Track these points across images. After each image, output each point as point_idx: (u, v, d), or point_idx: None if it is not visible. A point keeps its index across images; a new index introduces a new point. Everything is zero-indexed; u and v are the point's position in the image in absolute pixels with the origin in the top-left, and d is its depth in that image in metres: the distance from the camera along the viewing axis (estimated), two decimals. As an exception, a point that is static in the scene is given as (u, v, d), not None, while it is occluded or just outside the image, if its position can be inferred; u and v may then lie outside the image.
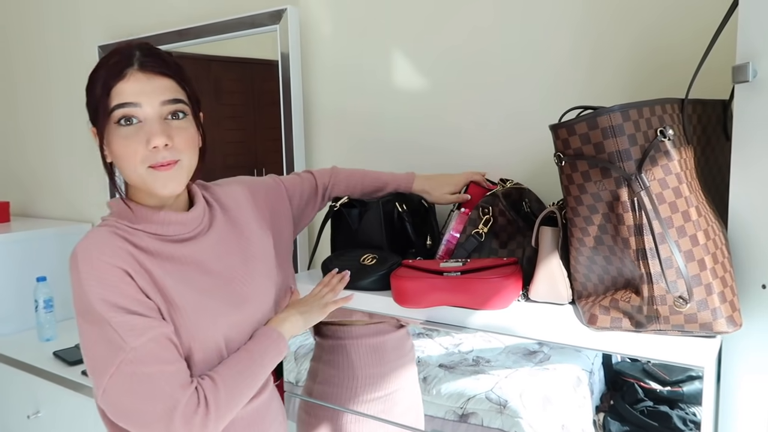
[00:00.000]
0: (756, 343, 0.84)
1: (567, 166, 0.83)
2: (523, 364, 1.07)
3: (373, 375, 1.19)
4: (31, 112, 2.51)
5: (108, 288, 0.84)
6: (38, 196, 2.56)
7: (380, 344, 1.18)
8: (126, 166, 0.89)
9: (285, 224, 1.18)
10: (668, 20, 1.12)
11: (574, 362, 1.07)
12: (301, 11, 1.60)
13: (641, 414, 1.00)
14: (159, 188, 0.89)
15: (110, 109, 0.87)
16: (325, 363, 1.22)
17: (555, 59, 1.25)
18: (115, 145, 0.89)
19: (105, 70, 0.88)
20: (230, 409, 0.88)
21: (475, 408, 1.10)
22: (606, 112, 0.77)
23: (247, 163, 1.79)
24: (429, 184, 1.24)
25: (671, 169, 0.79)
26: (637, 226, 0.78)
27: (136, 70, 0.88)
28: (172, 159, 0.89)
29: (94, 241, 0.88)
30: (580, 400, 1.05)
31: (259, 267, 1.04)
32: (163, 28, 1.88)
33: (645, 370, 1.01)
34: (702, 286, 0.77)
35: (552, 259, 0.95)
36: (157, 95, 0.88)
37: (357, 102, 1.55)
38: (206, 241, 0.99)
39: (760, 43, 0.80)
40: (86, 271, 0.84)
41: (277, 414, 1.07)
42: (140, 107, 0.87)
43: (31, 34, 2.42)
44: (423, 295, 1.00)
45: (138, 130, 0.87)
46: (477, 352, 1.13)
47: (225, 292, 0.97)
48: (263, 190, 1.16)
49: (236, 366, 0.92)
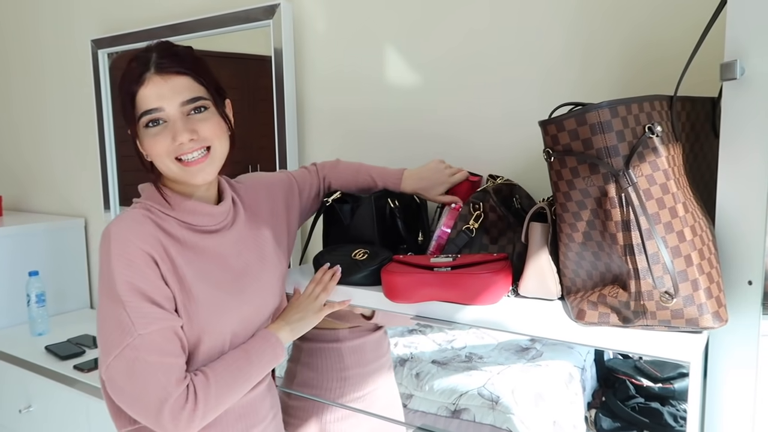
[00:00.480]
0: (742, 338, 0.85)
1: (556, 162, 0.84)
2: (515, 361, 1.08)
3: (353, 376, 1.21)
4: (23, 106, 2.50)
5: (134, 272, 0.89)
6: (31, 191, 2.55)
7: (359, 346, 1.20)
8: (158, 161, 0.96)
9: (294, 221, 1.21)
10: (659, 17, 1.12)
11: (566, 359, 1.08)
12: (295, 6, 1.60)
13: (632, 410, 1.00)
14: (191, 178, 0.96)
15: (137, 117, 0.94)
16: (303, 365, 1.24)
17: (548, 56, 1.25)
18: (146, 144, 0.96)
19: (127, 78, 0.94)
20: (218, 407, 0.91)
21: (468, 404, 1.11)
22: (594, 108, 0.78)
23: (241, 158, 1.79)
24: (422, 185, 1.23)
25: (659, 166, 0.80)
26: (624, 222, 0.79)
27: (153, 74, 0.93)
28: (202, 147, 0.95)
29: (128, 224, 0.93)
30: (572, 397, 1.06)
31: (271, 267, 1.09)
32: (156, 23, 1.87)
33: (637, 367, 1.02)
34: (688, 281, 0.78)
35: (541, 254, 0.96)
36: (176, 97, 0.93)
37: (350, 98, 1.55)
38: (229, 236, 1.03)
39: (747, 41, 0.80)
40: (117, 252, 0.90)
41: (271, 408, 1.09)
42: (162, 110, 0.93)
43: (26, 28, 2.41)
44: (413, 291, 1.00)
45: (164, 129, 0.94)
46: (470, 348, 1.13)
47: (239, 288, 1.01)
48: (280, 189, 1.20)
49: (232, 365, 0.95)
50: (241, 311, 1.00)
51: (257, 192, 1.15)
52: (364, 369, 1.20)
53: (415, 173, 1.24)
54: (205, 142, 0.96)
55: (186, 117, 0.95)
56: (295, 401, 1.27)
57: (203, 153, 0.96)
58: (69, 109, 2.31)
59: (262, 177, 1.21)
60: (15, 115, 2.55)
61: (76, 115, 2.29)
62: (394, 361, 1.25)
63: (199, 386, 0.89)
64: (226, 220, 1.04)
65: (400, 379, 1.23)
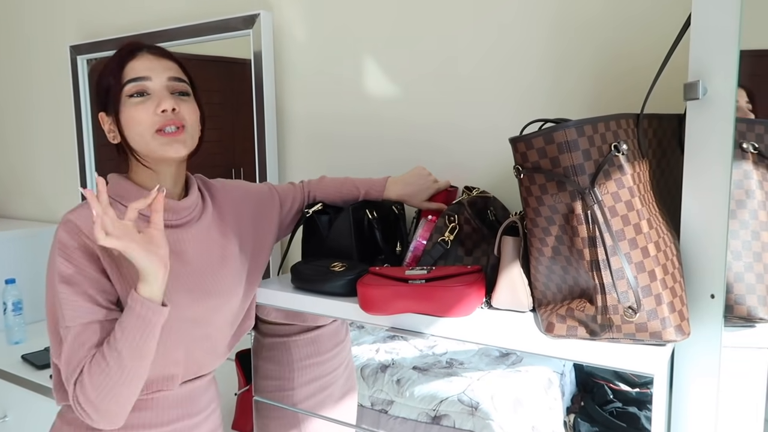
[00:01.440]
0: (705, 349, 0.87)
1: (525, 179, 0.86)
2: (495, 367, 1.09)
3: (310, 365, 1.24)
4: (4, 110, 2.47)
5: (72, 263, 0.93)
6: (9, 196, 2.53)
7: (317, 336, 1.22)
8: (136, 133, 0.98)
9: (269, 231, 1.23)
10: (628, 31, 1.15)
11: (545, 364, 1.09)
12: (275, 16, 1.61)
13: (610, 415, 1.02)
14: (166, 151, 0.98)
15: (123, 83, 0.97)
16: (264, 359, 1.26)
17: (524, 68, 1.27)
18: (126, 116, 0.98)
19: (117, 55, 0.99)
20: (103, 398, 0.91)
21: (448, 410, 1.12)
22: (561, 127, 0.80)
23: (224, 162, 1.79)
24: (407, 191, 1.25)
25: (624, 183, 0.82)
26: (590, 238, 0.81)
27: (146, 52, 1.00)
28: (179, 123, 0.99)
29: (80, 213, 0.96)
30: (551, 402, 1.08)
31: (232, 266, 1.10)
32: (136, 30, 1.87)
33: (615, 371, 1.04)
34: (652, 296, 0.80)
35: (513, 267, 0.97)
36: (165, 71, 1.00)
37: (329, 105, 1.56)
38: (191, 232, 1.05)
39: (710, 63, 0.83)
40: (62, 242, 0.94)
41: (210, 402, 1.14)
42: (150, 80, 0.98)
43: (7, 33, 2.39)
44: (388, 303, 1.01)
45: (147, 100, 0.98)
46: (451, 354, 1.15)
47: (194, 283, 1.03)
48: (257, 197, 1.22)
49: (110, 339, 0.92)
50: (193, 308, 1.01)
51: (231, 194, 1.17)
52: (321, 357, 1.23)
53: (399, 180, 1.26)
54: (183, 120, 1.00)
55: (170, 94, 0.99)
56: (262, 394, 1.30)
57: (177, 129, 0.99)
58: (48, 115, 2.30)
59: (242, 184, 1.24)
60: (-8, 119, 2.52)
61: (55, 120, 2.27)
62: (375, 367, 1.27)
63: (78, 386, 0.92)
64: (191, 215, 1.06)
65: (381, 386, 1.24)
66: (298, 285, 1.17)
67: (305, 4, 1.56)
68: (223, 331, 1.11)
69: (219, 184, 1.18)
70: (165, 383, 1.04)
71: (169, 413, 1.05)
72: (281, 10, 1.60)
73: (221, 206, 1.14)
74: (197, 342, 1.06)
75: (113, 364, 0.90)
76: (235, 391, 1.45)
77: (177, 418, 1.06)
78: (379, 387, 1.24)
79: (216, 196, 1.14)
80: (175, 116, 0.98)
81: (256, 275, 1.18)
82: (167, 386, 1.04)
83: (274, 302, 1.19)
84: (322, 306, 1.12)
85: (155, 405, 1.04)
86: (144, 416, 1.02)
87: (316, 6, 1.54)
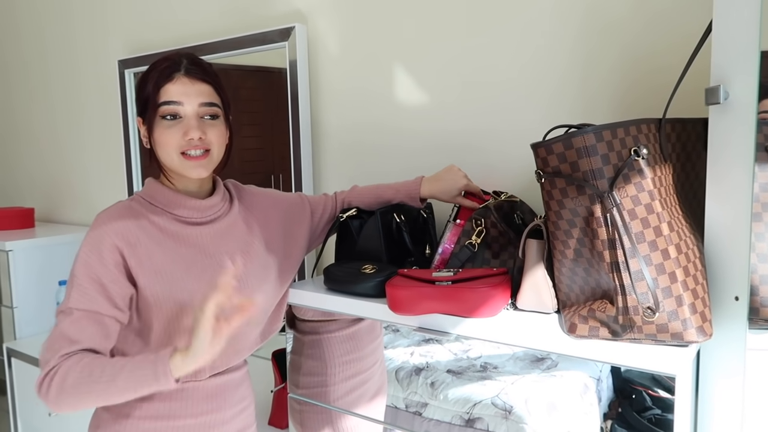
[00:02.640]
0: (730, 351, 0.88)
1: (546, 183, 0.88)
2: (530, 371, 1.10)
3: (352, 360, 1.27)
4: (55, 121, 2.62)
5: (95, 256, 1.01)
6: (62, 203, 2.66)
7: (355, 333, 1.26)
8: (164, 151, 1.07)
9: (299, 240, 1.28)
10: (656, 35, 1.16)
11: (581, 369, 1.10)
12: (309, 29, 1.67)
13: (649, 422, 1.02)
14: (189, 172, 1.07)
15: (158, 104, 1.05)
16: (306, 356, 1.31)
17: (550, 73, 1.30)
18: (157, 134, 1.06)
19: (157, 73, 1.06)
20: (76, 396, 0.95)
21: (481, 413, 1.13)
22: (580, 133, 0.82)
23: (263, 168, 1.85)
24: (438, 186, 1.28)
25: (644, 187, 0.84)
26: (610, 241, 0.83)
27: (183, 75, 1.06)
28: (204, 148, 1.07)
29: (109, 213, 1.07)
30: (587, 407, 1.08)
31: (255, 262, 1.16)
32: (179, 44, 1.96)
33: (654, 378, 1.04)
34: (673, 297, 0.81)
35: (537, 270, 1.00)
36: (197, 97, 1.06)
37: (362, 114, 1.61)
38: (214, 227, 1.13)
39: (731, 67, 0.84)
40: (91, 236, 1.03)
41: (242, 399, 1.18)
42: (182, 105, 1.05)
43: (62, 47, 2.53)
44: (415, 303, 1.05)
45: (178, 124, 1.05)
46: (485, 358, 1.16)
47: (212, 277, 1.07)
48: (286, 204, 1.28)
49: (108, 363, 0.96)
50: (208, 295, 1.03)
51: (260, 199, 1.25)
52: (360, 353, 1.27)
53: (431, 177, 1.30)
54: (209, 145, 1.07)
55: (200, 119, 1.07)
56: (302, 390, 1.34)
57: (203, 153, 1.07)
58: (98, 126, 2.42)
59: (273, 192, 1.31)
60: (46, 130, 2.67)
61: (104, 130, 2.39)
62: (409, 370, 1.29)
63: (64, 366, 0.95)
64: (215, 214, 1.14)
65: (416, 388, 1.26)
66: (331, 286, 1.22)
67: (338, 17, 1.62)
68: (248, 328, 1.16)
69: (250, 189, 1.26)
70: (193, 374, 1.08)
71: (200, 406, 1.10)
72: (315, 23, 1.66)
73: (249, 208, 1.21)
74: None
75: (103, 383, 0.94)
76: (272, 388, 1.50)
77: (207, 411, 1.11)
78: (413, 389, 1.26)
79: (244, 198, 1.22)
80: (201, 143, 1.06)
81: (285, 277, 1.23)
82: (195, 376, 1.09)
83: (307, 303, 1.25)
84: (353, 306, 1.16)
85: (185, 396, 1.09)
86: (173, 407, 1.08)
87: (348, 18, 1.60)
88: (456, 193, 1.26)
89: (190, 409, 1.10)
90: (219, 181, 1.18)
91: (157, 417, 1.08)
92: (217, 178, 1.19)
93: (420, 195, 1.28)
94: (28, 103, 2.74)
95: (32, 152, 2.77)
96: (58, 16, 2.50)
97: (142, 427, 1.08)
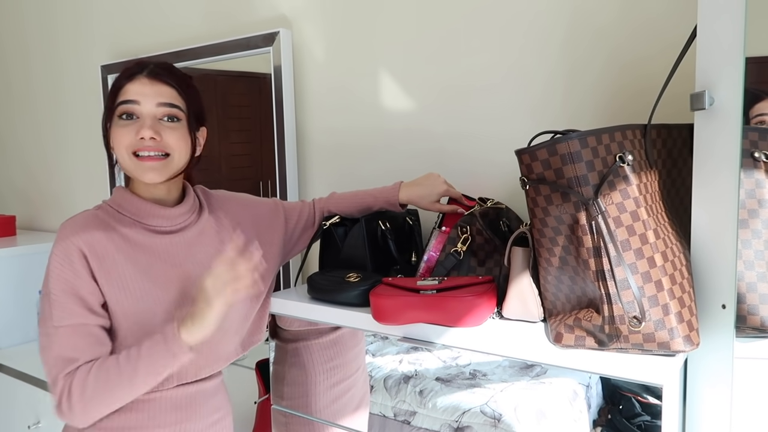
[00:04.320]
0: (717, 359, 0.87)
1: (531, 190, 0.87)
2: (519, 378, 1.08)
3: (335, 367, 1.25)
4: (38, 128, 2.58)
5: (65, 267, 0.99)
6: (43, 211, 2.62)
7: (338, 338, 1.24)
8: (119, 152, 1.04)
9: (273, 247, 1.25)
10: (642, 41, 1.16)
11: (570, 376, 1.09)
12: (294, 34, 1.66)
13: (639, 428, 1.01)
14: (141, 175, 1.04)
15: (115, 104, 1.03)
16: (290, 365, 1.28)
17: (535, 80, 1.29)
18: (113, 134, 1.04)
19: (120, 76, 1.05)
20: (101, 397, 0.96)
21: (470, 421, 1.12)
22: (564, 139, 0.81)
23: (252, 175, 1.84)
24: (417, 191, 1.24)
25: (629, 194, 0.82)
26: (595, 249, 0.81)
27: (144, 76, 1.04)
28: (160, 151, 1.03)
29: (74, 222, 1.04)
30: (576, 414, 1.07)
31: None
32: (163, 49, 1.94)
33: (644, 384, 1.03)
34: (659, 306, 0.80)
35: (523, 278, 0.98)
36: (155, 97, 1.03)
37: (347, 119, 1.60)
38: (185, 236, 1.10)
39: (716, 73, 0.83)
40: (57, 247, 1.01)
41: (215, 411, 1.15)
42: (138, 104, 1.02)
43: (43, 54, 2.50)
44: (400, 313, 1.03)
45: (133, 124, 1.03)
46: (474, 365, 1.15)
47: (184, 283, 1.06)
48: (257, 209, 1.25)
49: (123, 356, 0.97)
50: (184, 308, 1.03)
51: (230, 203, 1.22)
52: (345, 358, 1.25)
53: (410, 183, 1.27)
54: (166, 148, 1.03)
55: (157, 120, 1.03)
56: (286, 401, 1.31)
57: (160, 155, 1.03)
58: (80, 132, 2.39)
59: (244, 196, 1.28)
60: (29, 137, 2.63)
61: (87, 137, 2.36)
62: (398, 378, 1.28)
63: (76, 381, 0.95)
64: (185, 222, 1.11)
65: (404, 396, 1.24)
66: (314, 295, 1.20)
67: (322, 22, 1.60)
68: (224, 336, 1.11)
69: (219, 194, 1.23)
70: (158, 383, 1.04)
71: (166, 416, 1.07)
72: (300, 28, 1.65)
73: (218, 214, 1.18)
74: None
75: (125, 378, 0.95)
76: (255, 399, 1.48)
77: (175, 422, 1.08)
78: (401, 398, 1.25)
79: (213, 204, 1.19)
80: (155, 144, 1.02)
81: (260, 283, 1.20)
82: (161, 386, 1.05)
83: (290, 312, 1.22)
84: (337, 316, 1.14)
85: (151, 407, 1.06)
86: (139, 417, 1.05)
87: (333, 23, 1.58)
88: (435, 199, 1.24)
89: (156, 419, 1.06)
90: (189, 187, 1.16)
91: (124, 428, 1.05)
92: (187, 184, 1.16)
93: (399, 200, 1.26)
94: (10, 109, 2.70)
95: (14, 159, 2.73)
96: (41, 21, 2.47)
97: None
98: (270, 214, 1.27)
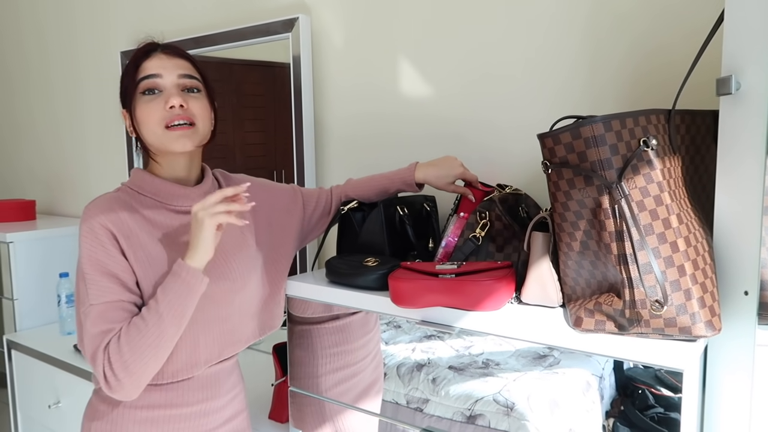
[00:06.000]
0: (738, 346, 0.87)
1: (553, 174, 0.87)
2: (532, 368, 1.09)
3: (341, 352, 1.26)
4: (58, 114, 2.61)
5: (96, 246, 1.01)
6: (63, 196, 2.66)
7: (345, 325, 1.25)
8: (147, 128, 1.05)
9: (290, 231, 1.27)
10: (663, 26, 1.14)
11: (584, 367, 1.09)
12: (313, 20, 1.66)
13: (651, 420, 1.01)
14: (173, 144, 1.05)
15: (137, 80, 1.05)
16: (295, 346, 1.30)
17: (556, 67, 1.28)
18: (138, 111, 1.05)
19: (134, 56, 1.07)
20: (140, 352, 0.97)
21: (483, 410, 1.12)
22: (588, 122, 0.80)
23: (267, 164, 1.84)
24: (433, 171, 1.25)
25: (653, 178, 0.82)
26: (617, 233, 0.81)
27: (160, 52, 1.07)
28: (188, 119, 1.05)
29: (97, 203, 1.06)
30: (589, 405, 1.07)
31: (246, 252, 1.15)
32: (181, 35, 1.95)
33: (657, 376, 1.03)
34: (681, 291, 0.80)
35: (542, 263, 0.98)
36: (176, 69, 1.06)
37: (365, 106, 1.60)
38: None
39: (743, 57, 0.82)
40: (86, 228, 1.02)
41: (233, 387, 1.19)
42: (161, 77, 1.05)
43: (64, 39, 2.52)
44: (418, 296, 1.03)
45: (158, 97, 1.05)
46: (487, 354, 1.15)
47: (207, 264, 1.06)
48: (275, 193, 1.26)
49: (146, 309, 1.00)
50: (210, 287, 1.05)
51: (251, 187, 1.21)
52: (350, 346, 1.26)
53: (426, 163, 1.27)
54: (192, 117, 1.06)
55: (180, 90, 1.06)
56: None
57: (187, 124, 1.05)
58: (98, 117, 2.41)
59: (263, 180, 1.29)
60: (49, 123, 2.66)
61: (104, 122, 2.38)
62: (411, 366, 1.28)
63: (112, 349, 0.97)
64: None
65: (417, 384, 1.25)
66: (333, 279, 1.21)
67: (342, 8, 1.60)
68: (243, 319, 1.16)
69: (239, 177, 1.25)
70: (190, 370, 1.09)
71: (195, 394, 1.11)
72: (319, 13, 1.65)
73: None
74: (216, 323, 1.11)
75: (152, 326, 0.97)
76: (272, 382, 1.49)
77: (202, 400, 1.12)
78: (414, 385, 1.25)
79: (232, 185, 1.19)
80: (183, 112, 1.04)
81: (274, 268, 1.22)
82: (192, 372, 1.10)
83: (309, 295, 1.23)
84: (355, 299, 1.15)
85: (181, 386, 1.10)
86: (169, 396, 1.09)
87: (353, 9, 1.58)
88: (451, 180, 1.24)
89: (185, 398, 1.10)
90: (207, 169, 1.18)
91: (153, 406, 1.08)
92: (206, 166, 1.18)
93: (415, 179, 1.26)
94: (28, 95, 2.73)
95: (33, 144, 2.76)
96: (59, 8, 2.49)
97: (138, 416, 1.07)
98: (288, 199, 1.28)
